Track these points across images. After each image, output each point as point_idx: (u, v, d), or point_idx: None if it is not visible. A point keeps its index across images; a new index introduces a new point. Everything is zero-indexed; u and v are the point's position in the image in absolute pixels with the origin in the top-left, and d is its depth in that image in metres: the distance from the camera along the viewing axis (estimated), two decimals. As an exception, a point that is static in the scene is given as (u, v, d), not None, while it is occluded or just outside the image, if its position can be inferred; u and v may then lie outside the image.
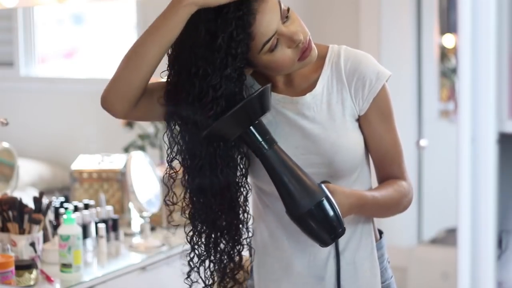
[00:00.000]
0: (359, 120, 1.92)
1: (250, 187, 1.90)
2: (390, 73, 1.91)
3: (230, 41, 1.74)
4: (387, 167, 1.95)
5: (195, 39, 1.76)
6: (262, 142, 1.79)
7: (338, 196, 1.80)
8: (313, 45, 1.84)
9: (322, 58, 1.91)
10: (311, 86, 1.90)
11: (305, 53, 1.82)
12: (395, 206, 1.94)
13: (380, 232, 2.04)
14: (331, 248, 1.94)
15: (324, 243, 1.80)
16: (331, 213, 1.77)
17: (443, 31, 4.54)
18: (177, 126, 1.84)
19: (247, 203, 1.90)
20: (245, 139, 1.80)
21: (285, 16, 1.80)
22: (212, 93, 1.76)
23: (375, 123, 1.92)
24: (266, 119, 1.85)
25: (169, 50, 1.83)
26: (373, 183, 2.00)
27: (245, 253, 2.05)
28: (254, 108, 1.77)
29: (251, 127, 1.78)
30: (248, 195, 1.90)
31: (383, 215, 2.01)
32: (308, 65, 1.87)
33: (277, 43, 1.79)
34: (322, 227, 1.77)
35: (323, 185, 1.79)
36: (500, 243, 1.45)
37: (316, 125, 1.88)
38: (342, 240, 1.93)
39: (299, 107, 1.89)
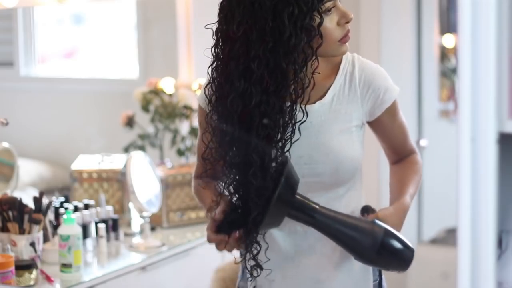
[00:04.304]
0: (369, 122, 1.97)
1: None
2: (398, 88, 1.97)
3: None
4: (399, 150, 2.05)
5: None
6: (307, 216, 1.84)
7: (391, 219, 1.88)
8: None
9: (336, 65, 1.94)
10: (323, 94, 1.92)
11: (346, 37, 1.88)
12: (419, 180, 2.06)
13: None
14: (325, 250, 1.95)
15: (404, 268, 1.88)
16: (397, 244, 1.84)
17: (443, 31, 4.53)
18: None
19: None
20: (292, 217, 1.85)
21: None
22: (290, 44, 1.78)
23: (386, 125, 2.00)
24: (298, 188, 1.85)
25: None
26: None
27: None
28: (287, 196, 1.81)
29: (292, 210, 1.83)
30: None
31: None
32: (340, 55, 1.91)
33: (331, 13, 1.84)
34: (396, 257, 1.85)
35: (377, 221, 1.85)
36: (500, 243, 1.45)
37: (322, 134, 1.89)
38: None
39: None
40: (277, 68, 1.78)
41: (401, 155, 2.07)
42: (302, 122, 1.85)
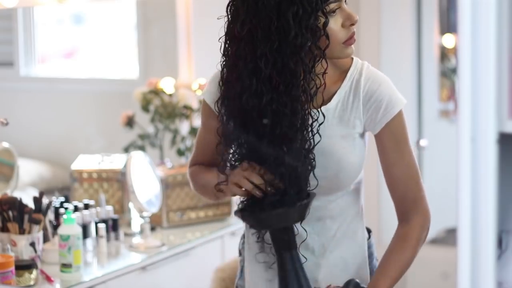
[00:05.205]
0: (374, 139, 1.94)
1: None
2: (405, 101, 1.92)
3: None
4: (400, 194, 1.96)
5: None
6: (283, 246, 1.86)
7: None
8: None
9: (344, 71, 1.93)
10: (328, 99, 1.92)
11: (351, 39, 1.86)
12: (412, 257, 2.00)
13: (369, 231, 2.05)
14: (323, 250, 1.96)
15: None
16: None
17: (443, 31, 4.53)
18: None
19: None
20: (272, 236, 1.87)
21: None
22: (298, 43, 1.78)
23: (388, 148, 1.92)
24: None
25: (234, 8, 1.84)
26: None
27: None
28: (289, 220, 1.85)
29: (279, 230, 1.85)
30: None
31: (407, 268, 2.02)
32: (345, 57, 1.90)
33: (335, 14, 1.83)
34: None
35: None
36: (500, 243, 1.45)
37: (325, 139, 1.88)
38: (333, 238, 1.96)
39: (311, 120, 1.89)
40: (285, 68, 1.79)
41: (401, 206, 1.97)
42: (321, 124, 1.86)
